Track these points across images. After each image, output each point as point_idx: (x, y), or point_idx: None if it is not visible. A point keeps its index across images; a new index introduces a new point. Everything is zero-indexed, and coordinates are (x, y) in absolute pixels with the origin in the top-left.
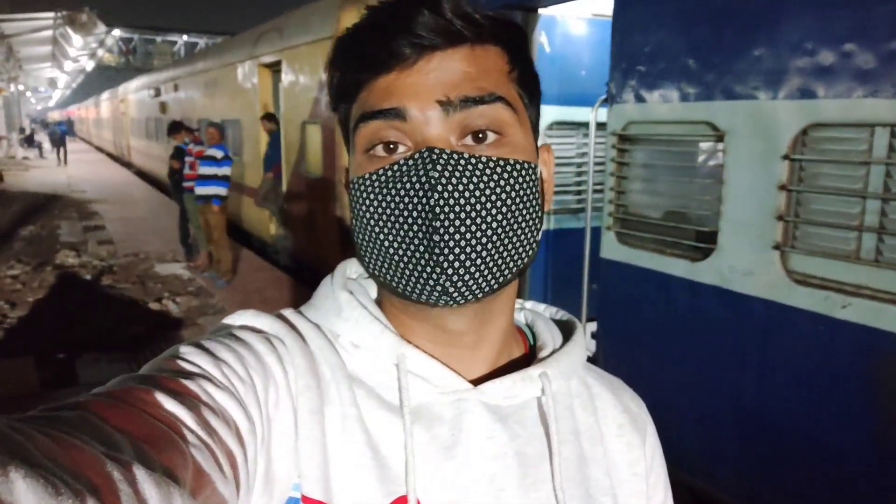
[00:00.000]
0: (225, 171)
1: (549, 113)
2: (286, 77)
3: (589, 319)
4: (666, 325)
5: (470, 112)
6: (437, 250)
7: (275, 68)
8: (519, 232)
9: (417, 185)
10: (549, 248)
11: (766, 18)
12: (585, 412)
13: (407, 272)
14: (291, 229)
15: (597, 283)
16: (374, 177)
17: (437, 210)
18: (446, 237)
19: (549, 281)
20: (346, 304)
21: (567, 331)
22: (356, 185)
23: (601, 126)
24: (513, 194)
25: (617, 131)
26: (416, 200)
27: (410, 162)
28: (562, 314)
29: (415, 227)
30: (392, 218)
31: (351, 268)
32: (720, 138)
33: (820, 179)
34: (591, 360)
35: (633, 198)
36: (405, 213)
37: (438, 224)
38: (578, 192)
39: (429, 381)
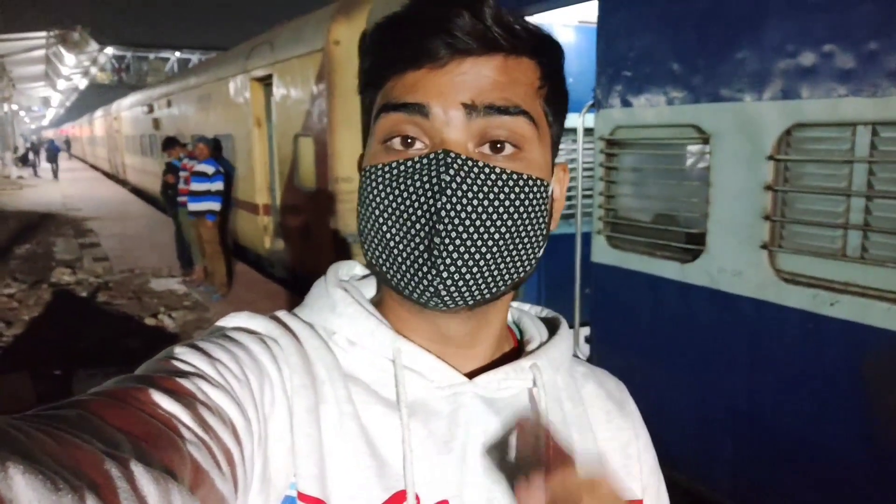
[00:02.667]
0: (217, 185)
1: None
2: (278, 90)
3: (583, 324)
4: (658, 327)
5: (492, 121)
6: (436, 252)
7: (266, 82)
8: (520, 247)
9: (427, 186)
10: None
11: (748, 22)
12: (573, 403)
13: (404, 267)
14: (286, 242)
15: (589, 288)
16: (388, 168)
17: (443, 213)
18: (447, 241)
19: (542, 286)
20: (341, 300)
21: (552, 327)
22: (368, 173)
23: (589, 131)
24: (521, 209)
25: (604, 136)
26: (423, 200)
27: (425, 161)
28: (546, 312)
29: (418, 226)
30: (398, 212)
31: (343, 269)
32: (706, 140)
33: (805, 179)
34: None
35: (622, 202)
36: (410, 210)
37: (441, 227)
38: (569, 198)
39: (424, 376)
